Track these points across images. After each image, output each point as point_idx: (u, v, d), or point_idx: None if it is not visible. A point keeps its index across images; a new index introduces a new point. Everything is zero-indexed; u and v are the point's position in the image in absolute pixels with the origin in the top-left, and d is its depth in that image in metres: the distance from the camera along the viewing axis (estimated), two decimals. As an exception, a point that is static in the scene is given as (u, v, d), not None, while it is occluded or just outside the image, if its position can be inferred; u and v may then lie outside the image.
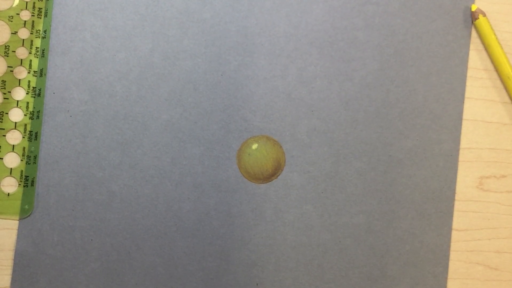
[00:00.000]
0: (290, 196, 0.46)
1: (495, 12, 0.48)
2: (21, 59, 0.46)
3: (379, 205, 0.46)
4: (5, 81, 0.45)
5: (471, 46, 0.48)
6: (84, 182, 0.45)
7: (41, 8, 0.46)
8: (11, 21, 0.46)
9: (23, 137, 0.45)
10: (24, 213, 0.45)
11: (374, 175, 0.46)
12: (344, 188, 0.46)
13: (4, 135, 0.45)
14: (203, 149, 0.46)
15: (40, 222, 0.45)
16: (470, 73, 0.48)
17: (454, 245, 0.47)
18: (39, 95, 0.45)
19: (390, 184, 0.46)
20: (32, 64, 0.45)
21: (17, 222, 0.45)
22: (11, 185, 0.45)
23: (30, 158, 0.45)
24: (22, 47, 0.46)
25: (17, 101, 0.45)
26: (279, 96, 0.46)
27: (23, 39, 0.46)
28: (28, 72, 0.45)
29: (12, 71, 0.45)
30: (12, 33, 0.46)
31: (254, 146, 0.46)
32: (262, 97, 0.46)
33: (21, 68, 0.45)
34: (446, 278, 0.46)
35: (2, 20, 0.46)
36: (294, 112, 0.46)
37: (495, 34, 0.47)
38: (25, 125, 0.45)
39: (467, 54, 0.47)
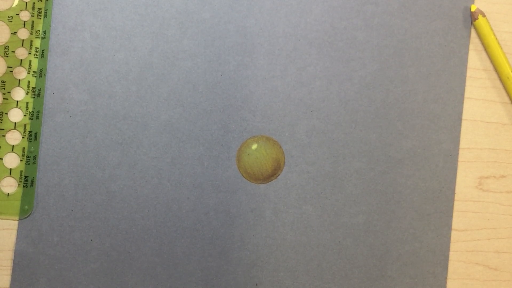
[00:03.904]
0: (289, 196, 0.46)
1: (495, 13, 0.48)
2: (21, 60, 0.46)
3: (379, 205, 0.46)
4: (5, 82, 0.45)
5: (471, 47, 0.48)
6: (84, 182, 0.45)
7: (41, 9, 0.46)
8: (11, 21, 0.46)
9: (23, 138, 0.45)
10: (24, 213, 0.45)
11: (374, 175, 0.46)
12: (343, 188, 0.46)
13: (4, 136, 0.45)
14: (203, 149, 0.46)
15: (40, 222, 0.45)
16: (469, 73, 0.48)
17: (453, 245, 0.47)
18: (38, 95, 0.45)
19: (390, 184, 0.46)
20: (32, 64, 0.46)
21: (16, 222, 0.45)
22: (10, 185, 0.45)
23: (30, 158, 0.45)
24: (22, 48, 0.46)
25: (17, 101, 0.45)
26: (279, 96, 0.46)
27: (23, 40, 0.46)
28: (28, 73, 0.45)
29: (11, 71, 0.45)
30: (11, 33, 0.46)
31: (254, 146, 0.46)
32: (262, 97, 0.46)
33: (21, 68, 0.46)
34: (445, 278, 0.46)
35: (2, 21, 0.46)
36: (293, 112, 0.46)
37: (494, 35, 0.47)
38: (25, 125, 0.45)
39: (466, 54, 0.47)
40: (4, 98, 0.45)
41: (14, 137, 0.45)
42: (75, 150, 0.45)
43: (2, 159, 0.45)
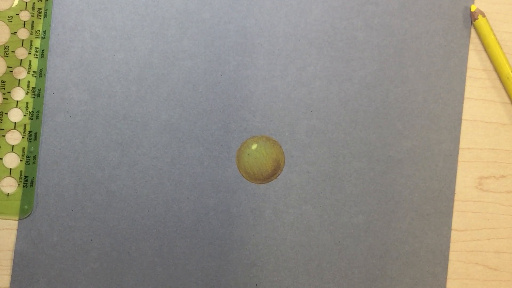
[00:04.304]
0: (289, 196, 0.46)
1: (495, 13, 0.48)
2: (21, 60, 0.46)
3: (379, 205, 0.46)
4: (5, 82, 0.45)
5: (471, 47, 0.48)
6: (84, 182, 0.45)
7: (41, 9, 0.46)
8: (11, 21, 0.46)
9: (23, 137, 0.45)
10: (24, 213, 0.45)
11: (374, 175, 0.46)
12: (343, 188, 0.46)
13: (4, 135, 0.45)
14: (203, 149, 0.46)
15: (40, 222, 0.45)
16: (469, 73, 0.48)
17: (453, 245, 0.47)
18: (38, 95, 0.45)
19: (390, 184, 0.46)
20: (32, 64, 0.46)
21: (16, 222, 0.45)
22: (10, 185, 0.45)
23: (30, 158, 0.45)
24: (22, 48, 0.46)
25: (17, 101, 0.45)
26: (279, 96, 0.46)
27: (23, 40, 0.46)
28: (28, 73, 0.45)
29: (11, 71, 0.45)
30: (11, 33, 0.46)
31: (254, 146, 0.46)
32: (262, 97, 0.46)
33: (21, 68, 0.46)
34: (445, 278, 0.46)
35: (2, 21, 0.46)
36: (293, 112, 0.46)
37: (494, 35, 0.47)
38: (25, 125, 0.45)
39: (466, 54, 0.47)
40: (4, 98, 0.45)
41: (14, 137, 0.45)
42: (75, 150, 0.45)
43: (2, 159, 0.45)
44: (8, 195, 0.45)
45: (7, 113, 0.45)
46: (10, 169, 0.45)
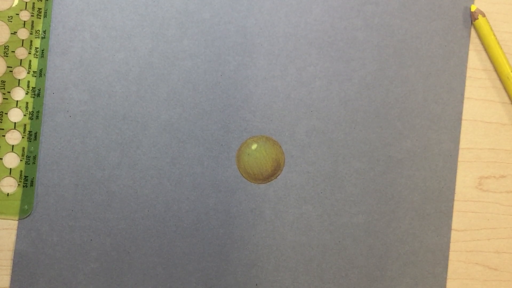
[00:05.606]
0: (289, 196, 0.46)
1: (495, 13, 0.48)
2: (21, 59, 0.46)
3: (379, 205, 0.46)
4: (5, 81, 0.45)
5: (471, 47, 0.48)
6: (84, 182, 0.45)
7: (41, 9, 0.46)
8: (11, 21, 0.46)
9: (23, 137, 0.45)
10: (24, 213, 0.45)
11: (374, 175, 0.46)
12: (343, 188, 0.46)
13: (4, 135, 0.45)
14: (203, 149, 0.46)
15: (40, 222, 0.45)
16: (469, 73, 0.48)
17: (453, 245, 0.47)
18: (38, 95, 0.45)
19: (390, 184, 0.46)
20: (32, 64, 0.46)
21: (16, 222, 0.45)
22: (10, 185, 0.45)
23: (30, 158, 0.45)
24: (22, 48, 0.46)
25: (17, 101, 0.45)
26: (279, 96, 0.46)
27: (23, 40, 0.46)
28: (28, 72, 0.45)
29: (11, 71, 0.45)
30: (11, 33, 0.46)
31: (254, 146, 0.46)
32: (262, 97, 0.46)
33: (21, 68, 0.46)
34: (445, 278, 0.46)
35: (2, 20, 0.46)
36: (293, 112, 0.46)
37: (494, 35, 0.47)
38: (25, 125, 0.45)
39: (466, 54, 0.47)
40: (4, 98, 0.45)
41: (14, 137, 0.45)
42: (75, 150, 0.45)
43: (2, 159, 0.45)
44: (8, 195, 0.45)
45: (7, 113, 0.45)
46: (10, 169, 0.45)
